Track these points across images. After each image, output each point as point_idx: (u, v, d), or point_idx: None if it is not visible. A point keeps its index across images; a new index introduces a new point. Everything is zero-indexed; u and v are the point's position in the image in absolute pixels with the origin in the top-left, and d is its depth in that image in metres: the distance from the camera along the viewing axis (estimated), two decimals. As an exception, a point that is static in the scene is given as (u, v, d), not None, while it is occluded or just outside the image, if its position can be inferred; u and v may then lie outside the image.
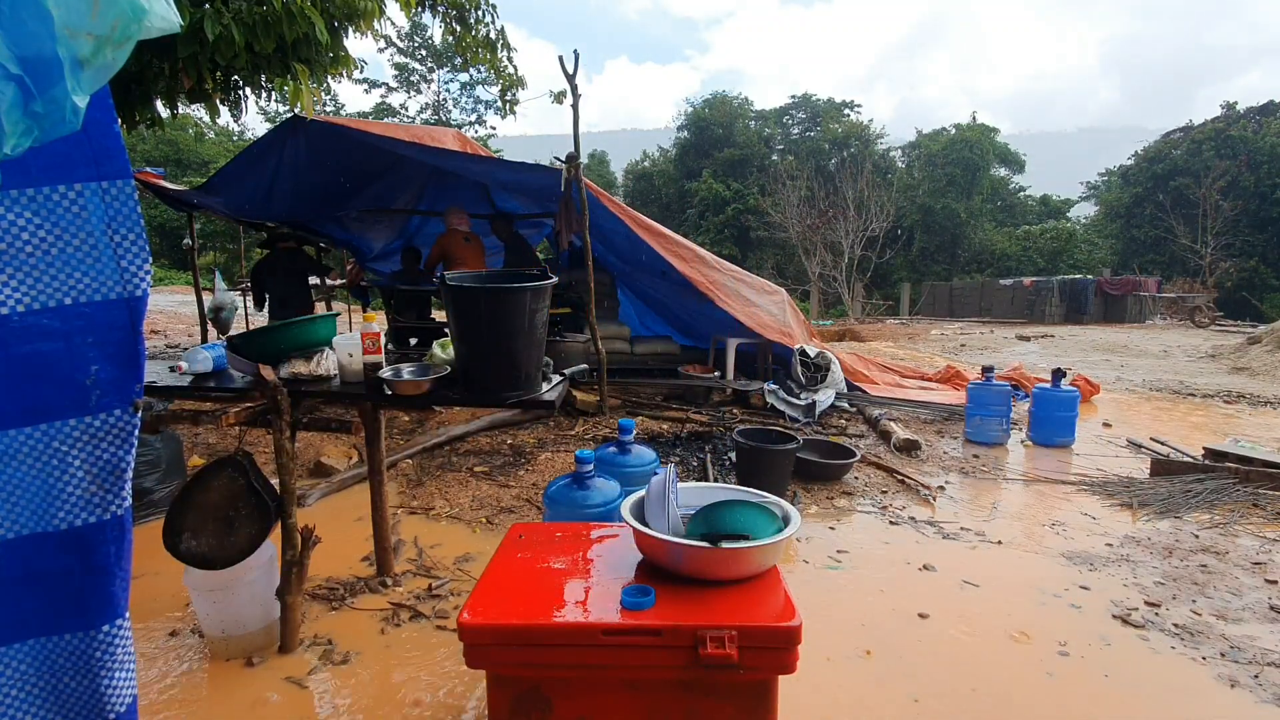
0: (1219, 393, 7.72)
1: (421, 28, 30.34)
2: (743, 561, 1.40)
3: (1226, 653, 2.37)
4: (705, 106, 32.10)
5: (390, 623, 2.48)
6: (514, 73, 6.33)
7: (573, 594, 1.39)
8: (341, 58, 4.38)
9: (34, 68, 0.76)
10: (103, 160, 0.99)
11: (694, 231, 28.00)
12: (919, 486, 4.07)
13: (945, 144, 29.20)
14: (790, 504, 1.57)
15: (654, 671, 1.29)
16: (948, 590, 2.80)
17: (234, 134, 28.92)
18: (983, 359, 10.67)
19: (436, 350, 2.44)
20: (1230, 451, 4.41)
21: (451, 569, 2.92)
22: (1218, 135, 26.15)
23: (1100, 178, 34.55)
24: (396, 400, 2.25)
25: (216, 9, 3.54)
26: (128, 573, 1.09)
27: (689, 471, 4.27)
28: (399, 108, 33.15)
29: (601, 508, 2.05)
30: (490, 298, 2.07)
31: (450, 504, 3.71)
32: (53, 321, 0.99)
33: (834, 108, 32.74)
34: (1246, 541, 3.35)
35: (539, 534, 1.69)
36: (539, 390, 2.23)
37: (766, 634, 1.26)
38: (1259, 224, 24.50)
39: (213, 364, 2.46)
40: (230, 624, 2.24)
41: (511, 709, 1.31)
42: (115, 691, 1.09)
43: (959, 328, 17.98)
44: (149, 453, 3.37)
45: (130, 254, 1.03)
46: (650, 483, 1.57)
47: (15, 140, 0.77)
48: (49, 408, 1.00)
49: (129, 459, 1.07)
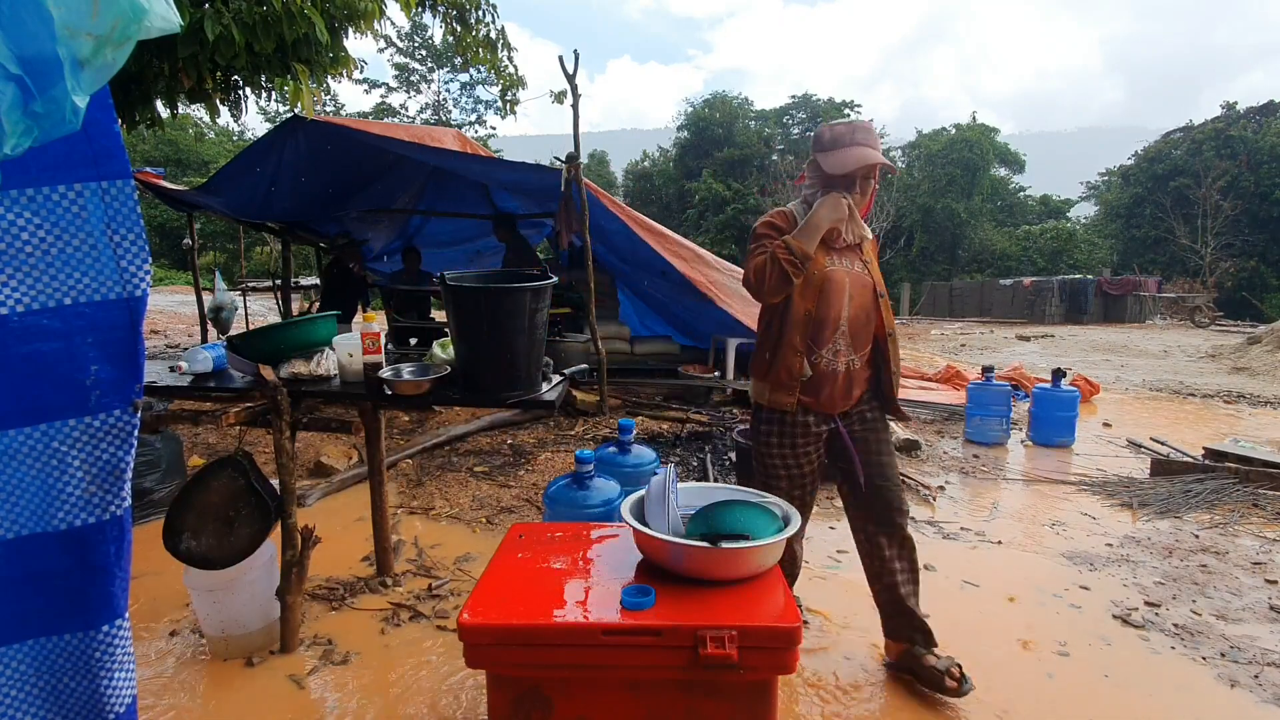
0: (1219, 393, 7.72)
1: (421, 28, 30.36)
2: (743, 561, 1.40)
3: (1226, 653, 2.37)
4: (705, 106, 32.10)
5: (390, 623, 2.48)
6: (514, 73, 6.33)
7: (573, 594, 1.39)
8: (341, 58, 4.39)
9: (34, 68, 0.76)
10: (103, 160, 0.99)
11: (694, 231, 27.99)
12: (919, 486, 4.06)
13: (945, 144, 29.21)
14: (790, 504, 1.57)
15: (654, 671, 1.29)
16: (948, 590, 2.80)
17: (234, 134, 28.92)
18: (983, 359, 10.68)
19: (436, 350, 2.43)
20: (1230, 451, 4.40)
21: (451, 569, 2.92)
22: (1218, 135, 26.15)
23: (1100, 178, 34.55)
24: (396, 400, 2.25)
25: (216, 9, 3.54)
26: (127, 573, 1.09)
27: (689, 471, 4.27)
28: (399, 108, 33.16)
29: (601, 508, 2.05)
30: (490, 298, 2.07)
31: (450, 504, 3.71)
32: (52, 321, 0.99)
33: (834, 108, 32.74)
34: (1246, 541, 3.35)
35: (539, 534, 1.69)
36: (539, 390, 2.23)
37: (767, 634, 1.26)
38: (1259, 224, 24.50)
39: (213, 364, 2.46)
40: (230, 624, 2.24)
41: (511, 709, 1.31)
42: (115, 692, 1.09)
43: (959, 328, 17.99)
44: (149, 453, 3.37)
45: (130, 254, 1.03)
46: (650, 483, 1.57)
47: (15, 140, 0.77)
48: (49, 408, 1.00)
49: (129, 459, 1.07)
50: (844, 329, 2.01)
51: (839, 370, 2.03)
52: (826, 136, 1.99)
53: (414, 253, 6.84)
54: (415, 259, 6.79)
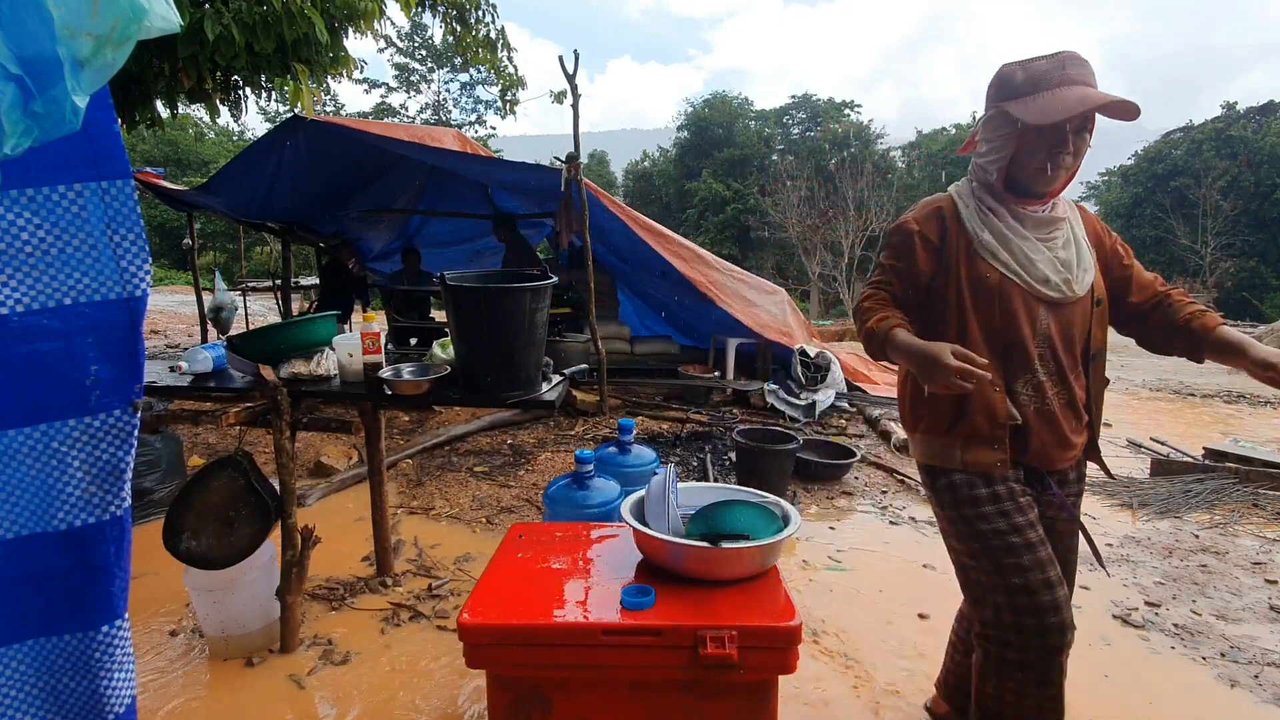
0: (1219, 393, 7.72)
1: (421, 28, 30.32)
2: (743, 561, 1.40)
3: (1226, 653, 2.37)
4: (705, 106, 32.09)
5: (390, 623, 2.48)
6: (514, 73, 6.33)
7: (573, 594, 1.39)
8: (341, 58, 4.38)
9: (34, 68, 0.76)
10: (103, 160, 0.99)
11: (694, 231, 27.98)
12: (919, 486, 4.06)
13: (945, 144, 29.20)
14: (790, 504, 1.57)
15: (654, 671, 1.29)
16: (948, 590, 2.79)
17: (234, 134, 28.90)
18: (983, 359, 10.66)
19: (436, 350, 2.43)
20: (1230, 451, 4.40)
21: (451, 569, 2.92)
22: (1218, 135, 26.14)
23: (1100, 178, 34.53)
24: (396, 400, 2.25)
25: (216, 9, 3.54)
26: (127, 573, 1.09)
27: (689, 471, 4.27)
28: (399, 108, 33.14)
29: (601, 508, 2.05)
30: (490, 298, 2.07)
31: (450, 504, 3.71)
32: (52, 322, 0.99)
33: (834, 107, 32.73)
34: (1246, 541, 3.35)
35: (539, 534, 1.69)
36: (539, 390, 2.23)
37: (766, 634, 1.26)
38: (1259, 224, 24.49)
39: (213, 364, 2.46)
40: (230, 624, 2.24)
41: (511, 709, 1.31)
42: (115, 692, 1.09)
43: (959, 328, 17.96)
44: (149, 453, 3.37)
45: (130, 254, 1.03)
46: (650, 483, 1.57)
47: (15, 140, 0.77)
48: (49, 408, 1.00)
49: (129, 459, 1.07)
50: (1047, 350, 1.46)
51: (1052, 408, 1.47)
52: (1020, 77, 1.40)
53: (414, 253, 6.85)
54: (415, 260, 6.79)
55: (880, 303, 1.51)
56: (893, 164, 30.86)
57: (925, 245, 1.49)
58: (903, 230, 1.52)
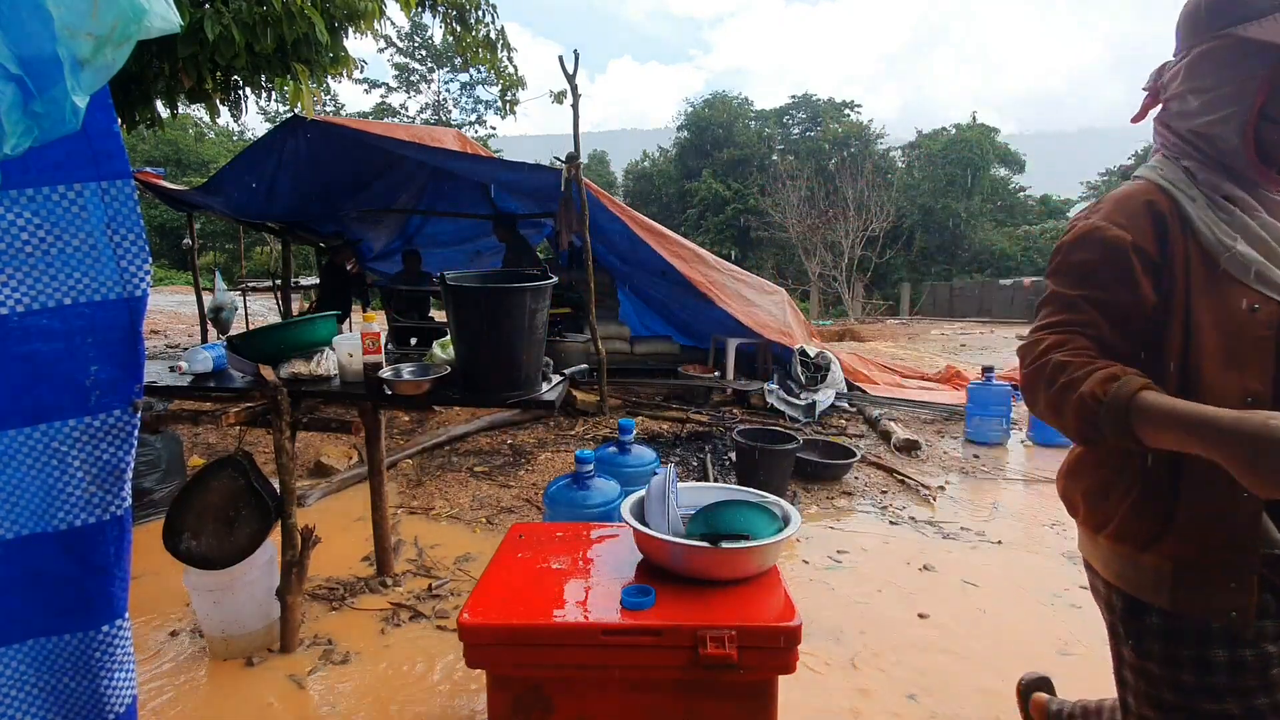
0: (1219, 393, 7.71)
1: (421, 28, 30.35)
2: (743, 561, 1.40)
3: (1226, 653, 2.37)
4: (705, 106, 32.11)
5: (390, 623, 2.48)
6: (514, 73, 6.34)
7: (573, 594, 1.39)
8: (341, 58, 4.39)
9: (34, 68, 0.76)
10: (102, 160, 0.99)
11: (694, 231, 27.99)
12: (919, 486, 4.07)
13: (945, 144, 29.20)
14: (790, 504, 1.57)
15: (654, 671, 1.29)
16: (948, 590, 2.80)
17: (234, 134, 28.93)
18: (983, 359, 10.67)
19: (436, 350, 2.44)
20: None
21: (451, 569, 2.92)
22: (1218, 135, 26.16)
23: (1100, 178, 34.54)
24: (396, 400, 2.25)
25: (216, 9, 3.54)
26: (127, 573, 1.09)
27: (689, 471, 4.27)
28: (399, 108, 33.16)
29: (601, 508, 2.05)
30: (490, 298, 2.07)
31: (450, 504, 3.71)
32: (52, 322, 0.99)
33: (834, 107, 32.75)
34: (1246, 541, 3.34)
35: (539, 534, 1.69)
36: (539, 390, 2.23)
37: (766, 634, 1.26)
38: (1259, 224, 24.52)
39: (213, 364, 2.46)
40: (230, 624, 2.24)
41: (511, 709, 1.31)
42: (115, 692, 1.09)
43: (959, 328, 17.98)
44: (149, 453, 3.37)
45: (130, 254, 1.03)
46: (650, 483, 1.57)
47: (15, 140, 0.77)
48: (49, 408, 1.00)
49: (129, 459, 1.07)
50: None
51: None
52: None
53: (414, 254, 6.87)
54: (415, 260, 6.80)
55: (1083, 352, 0.97)
56: (893, 164, 30.86)
57: (1144, 262, 0.98)
58: (1099, 240, 1.00)
